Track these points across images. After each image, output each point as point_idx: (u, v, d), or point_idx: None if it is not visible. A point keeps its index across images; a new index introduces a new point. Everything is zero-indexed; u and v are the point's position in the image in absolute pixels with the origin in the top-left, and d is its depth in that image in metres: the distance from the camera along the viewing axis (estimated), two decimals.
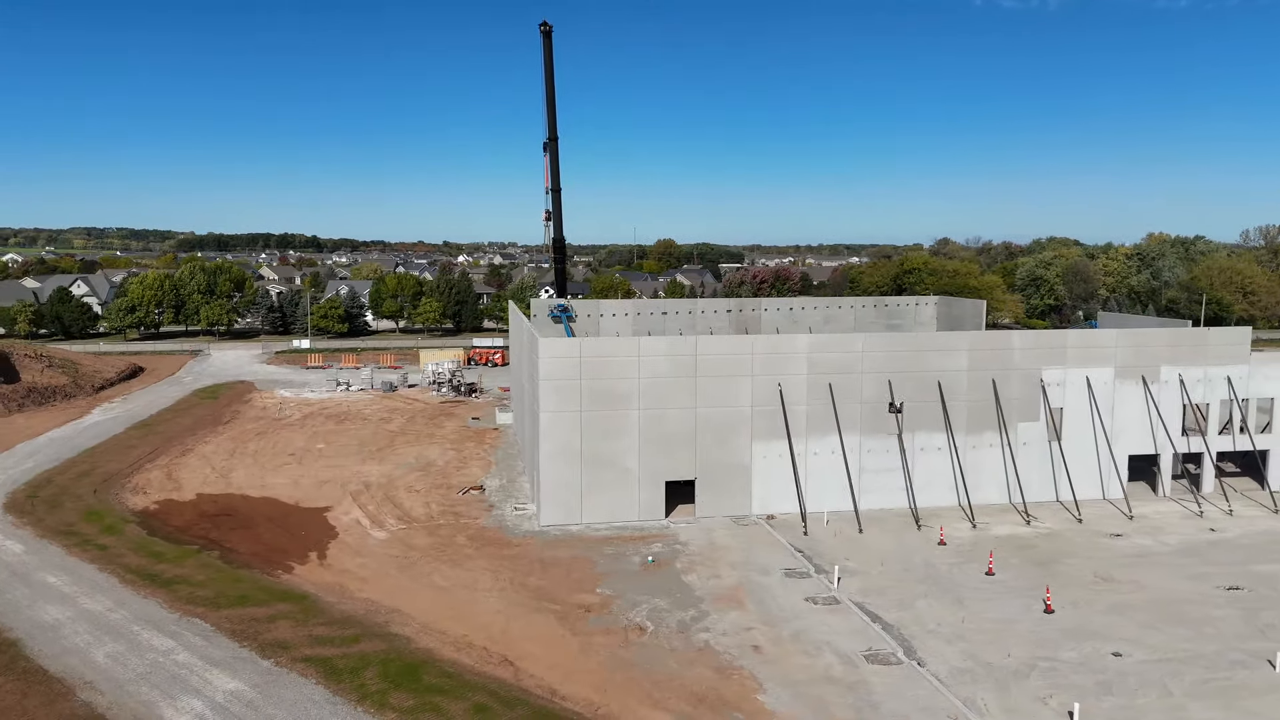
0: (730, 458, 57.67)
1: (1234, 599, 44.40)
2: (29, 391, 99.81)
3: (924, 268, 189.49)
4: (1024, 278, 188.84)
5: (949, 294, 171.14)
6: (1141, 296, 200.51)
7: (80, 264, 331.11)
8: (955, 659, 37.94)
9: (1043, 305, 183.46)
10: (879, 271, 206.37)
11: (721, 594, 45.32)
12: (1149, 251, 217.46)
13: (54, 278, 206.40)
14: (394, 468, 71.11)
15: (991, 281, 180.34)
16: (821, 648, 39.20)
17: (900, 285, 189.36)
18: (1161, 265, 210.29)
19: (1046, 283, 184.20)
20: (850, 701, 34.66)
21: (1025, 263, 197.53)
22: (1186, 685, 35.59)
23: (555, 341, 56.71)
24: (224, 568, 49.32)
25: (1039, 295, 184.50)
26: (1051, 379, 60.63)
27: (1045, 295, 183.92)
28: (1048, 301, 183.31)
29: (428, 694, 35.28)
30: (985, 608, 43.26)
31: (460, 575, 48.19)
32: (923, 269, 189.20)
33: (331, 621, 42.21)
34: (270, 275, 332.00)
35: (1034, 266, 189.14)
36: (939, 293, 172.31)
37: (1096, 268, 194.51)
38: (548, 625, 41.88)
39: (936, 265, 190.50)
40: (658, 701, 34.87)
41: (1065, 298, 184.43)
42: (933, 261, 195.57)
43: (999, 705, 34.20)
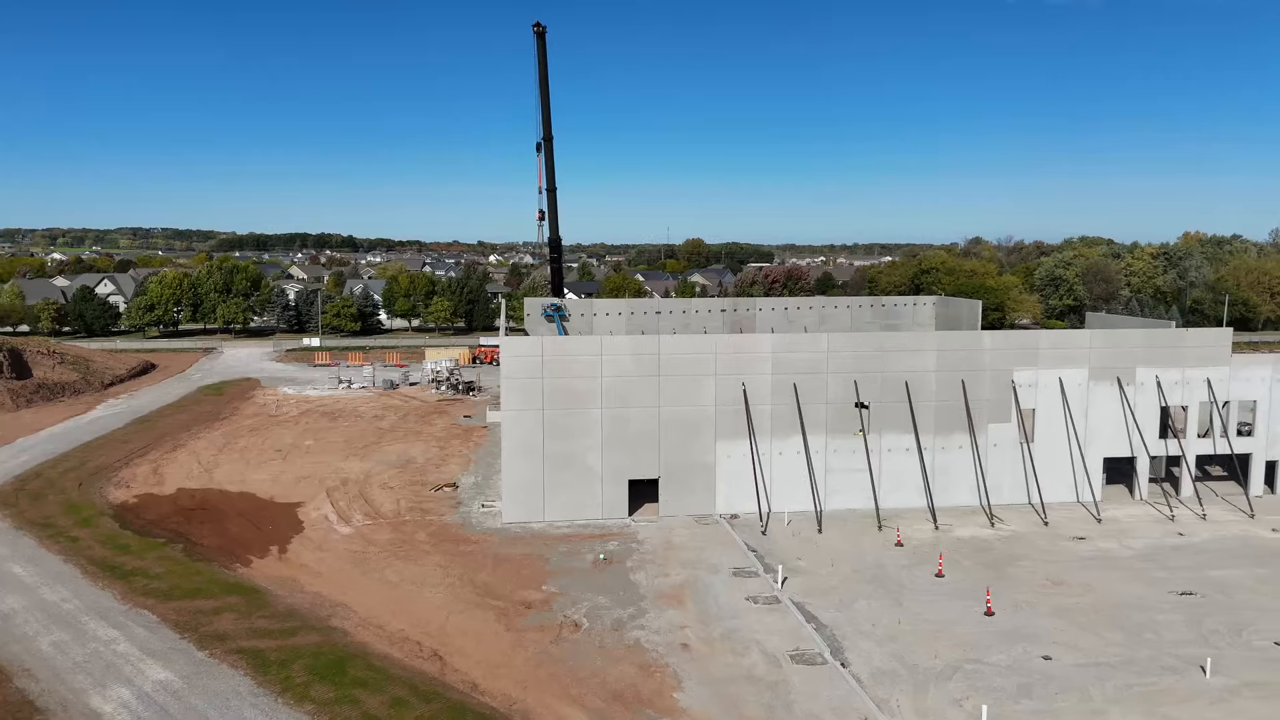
0: (694, 457, 57.73)
1: (1183, 604, 43.72)
2: (38, 387, 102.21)
3: (941, 268, 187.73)
4: (1043, 278, 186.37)
5: (965, 294, 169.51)
6: (1167, 297, 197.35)
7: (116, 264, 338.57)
8: (881, 660, 37.79)
9: (1061, 305, 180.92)
10: (897, 272, 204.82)
11: (664, 592, 45.44)
12: (1176, 251, 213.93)
13: (82, 276, 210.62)
14: (374, 464, 71.98)
15: (1009, 282, 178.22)
16: (750, 647, 39.22)
17: (918, 285, 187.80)
18: (1188, 265, 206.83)
19: (1066, 283, 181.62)
20: (765, 700, 34.67)
21: (1044, 263, 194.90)
22: (1110, 690, 35.17)
23: (517, 340, 57.13)
24: (184, 560, 50.31)
25: (1058, 295, 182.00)
26: (1023, 380, 59.98)
27: (1064, 295, 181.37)
28: (1066, 302, 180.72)
29: (349, 687, 35.80)
30: (926, 609, 42.99)
31: (412, 571, 48.76)
32: (940, 269, 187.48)
33: (274, 614, 42.93)
34: (299, 274, 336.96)
35: (1053, 266, 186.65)
36: (955, 293, 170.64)
37: (1119, 267, 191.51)
38: (486, 621, 42.29)
39: (954, 265, 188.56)
40: (575, 698, 35.12)
41: (1085, 298, 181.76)
42: (950, 261, 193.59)
43: (912, 707, 34.03)
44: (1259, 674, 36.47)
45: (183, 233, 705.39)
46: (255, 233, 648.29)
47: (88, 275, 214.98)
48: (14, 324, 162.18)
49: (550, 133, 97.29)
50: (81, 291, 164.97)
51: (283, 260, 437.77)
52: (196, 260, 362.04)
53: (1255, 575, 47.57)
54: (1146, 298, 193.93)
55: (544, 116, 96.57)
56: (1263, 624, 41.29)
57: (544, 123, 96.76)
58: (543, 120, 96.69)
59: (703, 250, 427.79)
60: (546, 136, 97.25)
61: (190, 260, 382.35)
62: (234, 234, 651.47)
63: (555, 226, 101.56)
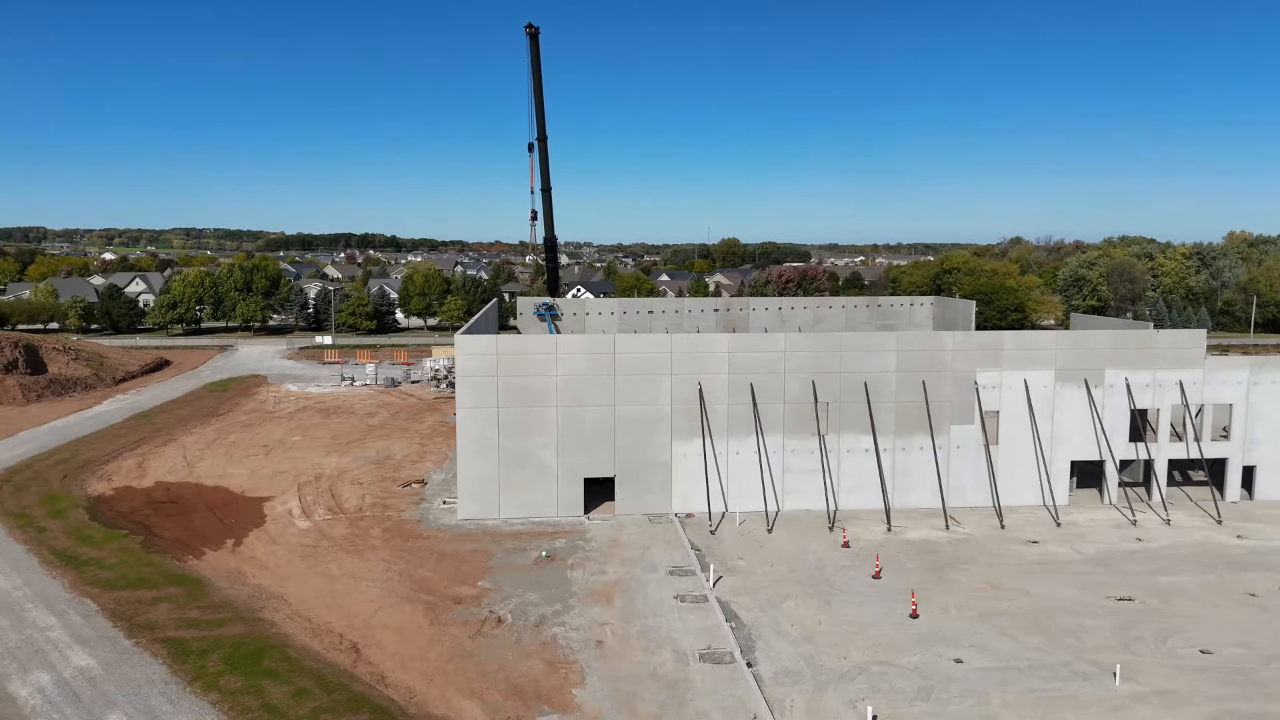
0: (650, 456, 57.86)
1: (1118, 610, 42.97)
2: (50, 382, 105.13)
3: (962, 268, 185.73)
4: (1066, 278, 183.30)
5: (984, 295, 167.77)
6: (1199, 298, 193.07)
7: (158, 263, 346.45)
8: (789, 660, 37.69)
9: (1085, 306, 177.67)
10: (919, 272, 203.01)
11: (596, 590, 45.68)
12: (1209, 251, 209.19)
13: (116, 275, 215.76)
14: (352, 460, 73.06)
15: (1030, 282, 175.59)
16: (663, 645, 39.33)
17: (939, 286, 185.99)
18: (1222, 265, 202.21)
19: (1089, 283, 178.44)
20: (661, 699, 34.79)
21: (1069, 263, 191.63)
22: (1010, 694, 34.75)
23: (472, 338, 57.67)
24: (139, 552, 51.58)
25: (1081, 296, 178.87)
26: (986, 381, 59.23)
27: (1088, 296, 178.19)
28: (1090, 303, 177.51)
29: (259, 677, 36.55)
30: (852, 611, 42.74)
31: (356, 565, 49.52)
32: (961, 269, 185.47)
33: (209, 606, 43.90)
34: (334, 274, 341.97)
35: (1076, 267, 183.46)
36: (975, 293, 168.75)
37: (1145, 268, 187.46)
38: (412, 615, 42.84)
39: (975, 265, 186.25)
40: (475, 692, 35.52)
41: (1110, 298, 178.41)
42: (972, 261, 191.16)
43: (805, 707, 33.94)
44: (1171, 682, 35.78)
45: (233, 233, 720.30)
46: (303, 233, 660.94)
47: (121, 274, 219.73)
48: (44, 321, 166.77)
49: (544, 133, 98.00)
50: (109, 290, 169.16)
51: (320, 260, 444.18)
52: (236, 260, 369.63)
53: (1203, 582, 46.58)
54: (1177, 299, 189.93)
55: (538, 117, 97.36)
56: (1193, 631, 40.46)
57: (538, 123, 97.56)
58: (536, 121, 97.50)
59: (737, 250, 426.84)
60: (540, 137, 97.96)
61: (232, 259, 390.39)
62: (282, 234, 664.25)
63: (550, 226, 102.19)
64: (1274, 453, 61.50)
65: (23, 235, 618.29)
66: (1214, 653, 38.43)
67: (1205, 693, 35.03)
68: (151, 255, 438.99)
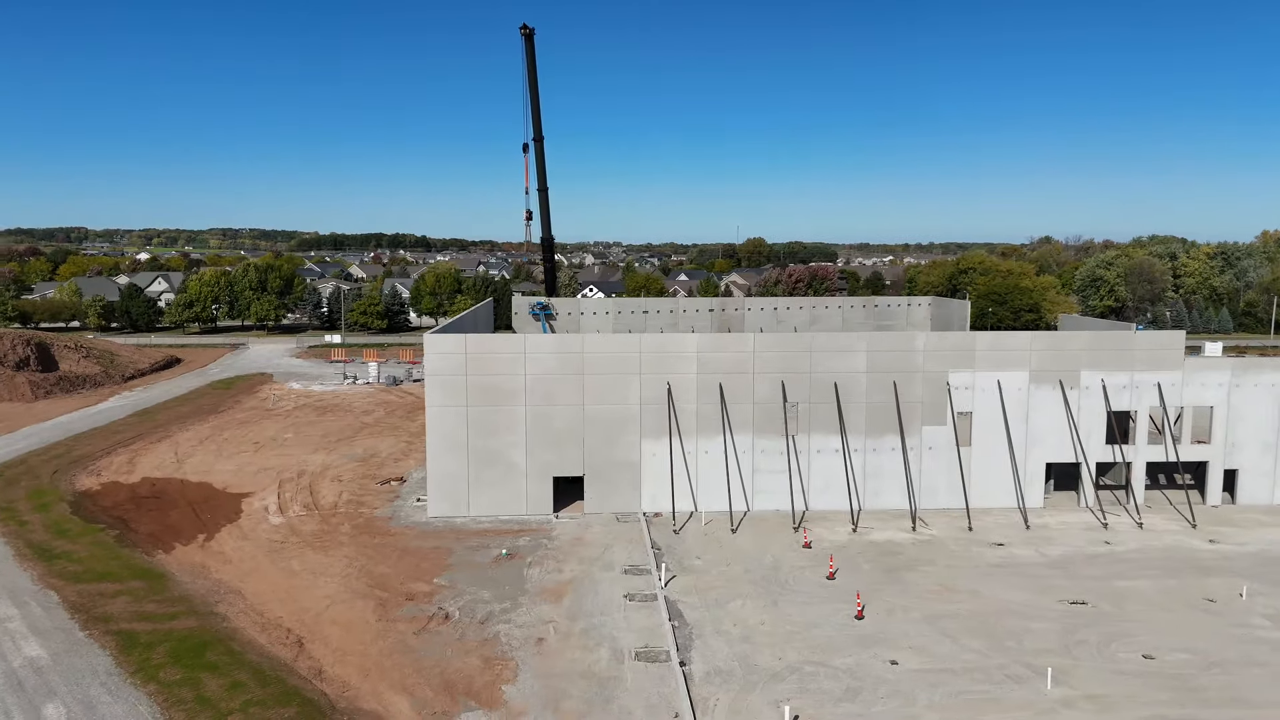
0: (619, 455, 58.07)
1: (1068, 613, 42.58)
2: (59, 379, 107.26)
3: (977, 267, 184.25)
4: (1083, 278, 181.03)
5: (997, 295, 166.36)
6: (1223, 298, 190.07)
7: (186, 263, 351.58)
8: (724, 660, 37.75)
9: (1102, 307, 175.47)
10: (936, 271, 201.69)
11: (549, 588, 45.98)
12: (1234, 251, 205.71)
13: (140, 275, 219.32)
14: (338, 458, 73.93)
15: (1045, 282, 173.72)
16: (603, 643, 39.54)
17: (955, 285, 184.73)
18: (1246, 265, 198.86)
19: (1106, 283, 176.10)
20: (588, 696, 35.01)
21: (1086, 263, 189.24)
22: (938, 696, 34.60)
23: (441, 337, 58.13)
24: (112, 546, 52.60)
25: (1098, 296, 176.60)
26: (959, 382, 58.81)
27: (1105, 296, 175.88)
28: (1107, 303, 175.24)
29: (199, 670, 37.21)
30: (797, 611, 42.70)
31: (318, 561, 50.18)
32: (976, 269, 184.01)
33: (167, 599, 44.73)
34: (359, 273, 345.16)
35: (1094, 267, 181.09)
36: (989, 294, 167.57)
37: (1165, 268, 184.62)
38: (363, 611, 43.37)
39: (991, 265, 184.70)
40: (408, 687, 35.94)
41: (1127, 299, 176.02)
42: (988, 261, 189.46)
43: (729, 706, 34.01)
44: (1105, 687, 35.44)
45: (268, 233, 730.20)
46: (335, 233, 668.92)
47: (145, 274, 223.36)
48: (66, 320, 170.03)
49: (540, 133, 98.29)
50: (128, 289, 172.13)
51: (346, 259, 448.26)
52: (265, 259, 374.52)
53: (1163, 587, 46.00)
54: (1200, 299, 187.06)
55: (534, 117, 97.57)
56: (1141, 636, 40.01)
57: (534, 123, 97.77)
58: (533, 121, 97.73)
59: (762, 250, 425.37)
60: (537, 137, 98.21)
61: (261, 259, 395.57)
62: (316, 234, 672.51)
63: (547, 227, 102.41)
64: (1257, 456, 60.55)
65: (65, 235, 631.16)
66: (1156, 658, 38.00)
67: (1138, 698, 34.66)
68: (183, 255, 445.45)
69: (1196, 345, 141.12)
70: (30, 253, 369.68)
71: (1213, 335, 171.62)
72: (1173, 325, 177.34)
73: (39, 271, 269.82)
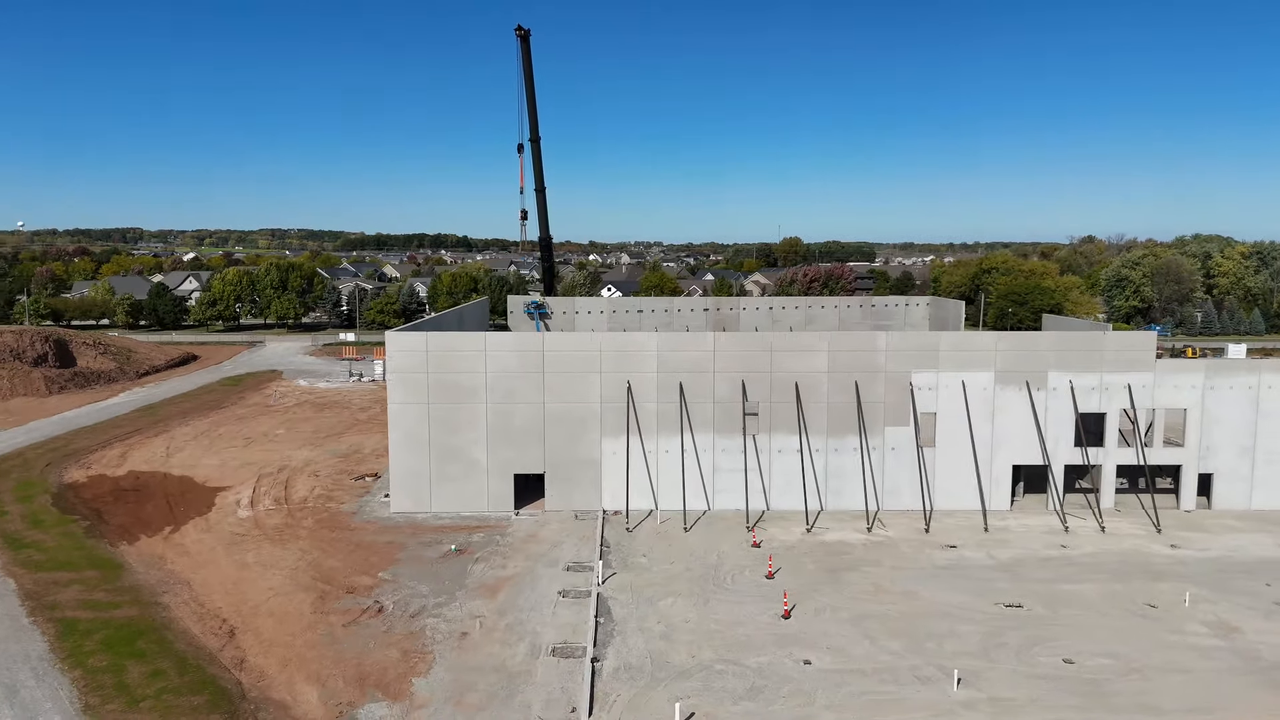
0: (580, 453, 58.41)
1: (999, 616, 42.11)
2: (74, 375, 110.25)
3: (1000, 267, 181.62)
4: (1109, 279, 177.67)
5: (1017, 295, 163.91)
6: (1258, 299, 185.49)
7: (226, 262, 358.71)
8: (637, 657, 37.95)
9: (1127, 308, 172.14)
10: (959, 271, 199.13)
11: (488, 583, 46.48)
12: (1270, 250, 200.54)
13: (173, 274, 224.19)
14: (322, 453, 75.21)
15: (1069, 282, 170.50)
16: (524, 638, 39.94)
17: (978, 285, 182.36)
18: None
19: (1131, 283, 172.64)
20: (493, 689, 35.43)
21: (1112, 263, 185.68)
22: (839, 696, 34.49)
23: (402, 334, 58.93)
24: (80, 536, 54.15)
25: (1123, 297, 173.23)
26: (922, 382, 58.29)
27: (1130, 297, 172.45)
28: (1133, 304, 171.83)
29: (126, 657, 38.30)
30: (726, 610, 42.73)
31: (273, 554, 51.20)
32: (999, 268, 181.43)
33: (116, 589, 45.99)
34: (393, 273, 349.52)
35: (1119, 267, 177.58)
36: (1009, 294, 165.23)
37: (1194, 267, 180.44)
38: (301, 603, 44.21)
39: (1013, 265, 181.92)
40: (321, 679, 36.62)
41: (1154, 299, 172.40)
42: (1010, 261, 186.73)
43: (628, 703, 34.21)
44: (1013, 691, 35.06)
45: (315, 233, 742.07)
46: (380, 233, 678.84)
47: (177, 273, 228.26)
48: (96, 317, 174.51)
49: (537, 134, 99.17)
50: (156, 288, 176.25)
51: (383, 259, 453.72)
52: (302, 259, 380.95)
53: (1108, 591, 45.27)
54: (1234, 300, 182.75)
55: (530, 117, 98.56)
56: (1066, 641, 39.47)
57: (530, 123, 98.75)
58: (529, 121, 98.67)
59: (799, 249, 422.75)
60: (533, 138, 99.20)
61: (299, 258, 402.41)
62: (361, 234, 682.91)
63: (545, 226, 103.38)
64: (1233, 460, 59.24)
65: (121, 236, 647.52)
66: (1076, 663, 37.47)
67: (1043, 702, 34.25)
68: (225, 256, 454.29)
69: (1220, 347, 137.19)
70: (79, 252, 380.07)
71: (1242, 337, 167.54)
72: (1201, 326, 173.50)
73: (82, 271, 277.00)
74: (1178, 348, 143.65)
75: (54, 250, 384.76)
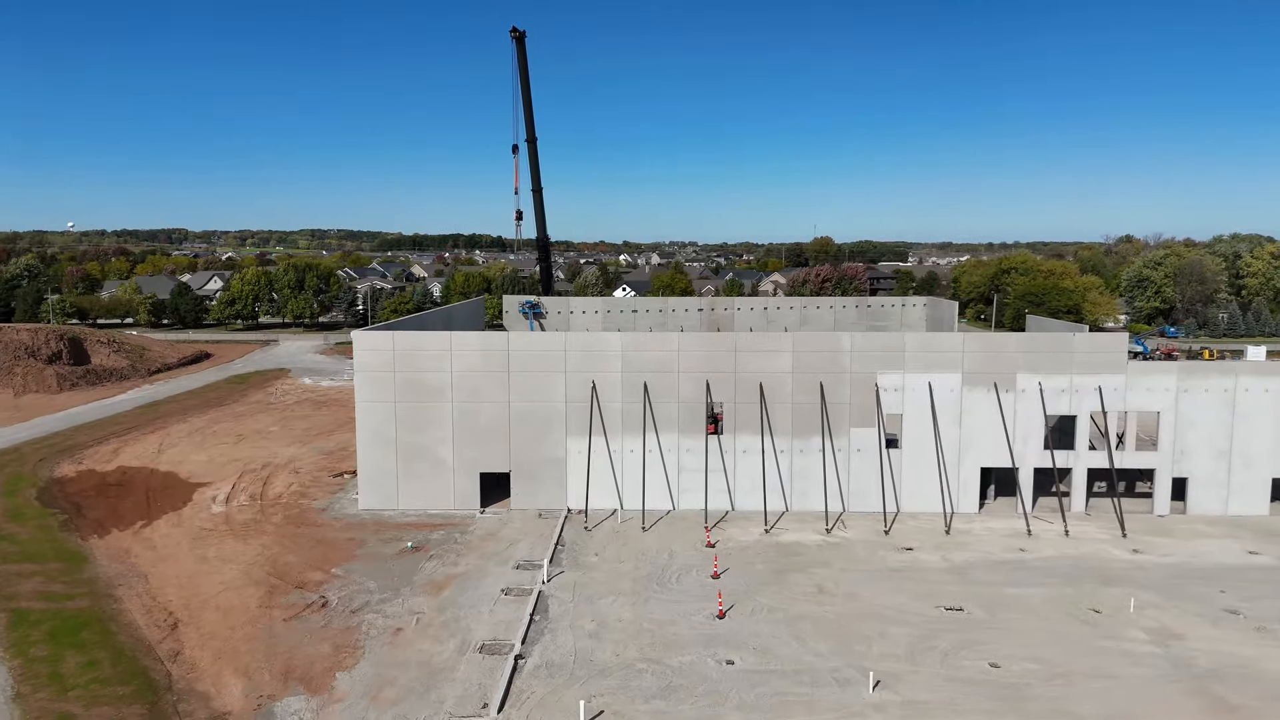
0: (545, 452, 58.77)
1: (936, 619, 41.79)
2: (87, 372, 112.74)
3: (1019, 267, 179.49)
4: (1130, 279, 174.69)
5: (1034, 296, 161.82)
6: None
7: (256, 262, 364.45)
8: (562, 655, 38.19)
9: (1149, 308, 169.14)
10: (979, 271, 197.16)
11: (436, 580, 46.98)
12: None
13: (198, 274, 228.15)
14: (308, 450, 76.30)
15: (1089, 283, 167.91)
16: (456, 634, 40.36)
17: (997, 285, 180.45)
18: None
19: (1153, 284, 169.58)
20: (412, 685, 35.86)
21: (1134, 263, 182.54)
22: (751, 696, 34.49)
23: (369, 333, 59.65)
24: (54, 529, 55.54)
25: (1145, 297, 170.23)
26: (888, 384, 57.90)
27: (1152, 297, 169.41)
28: (1154, 304, 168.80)
29: (66, 648, 39.30)
30: (663, 609, 42.83)
31: (234, 549, 52.14)
32: (1018, 268, 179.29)
33: (75, 581, 47.15)
34: (420, 273, 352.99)
35: (1141, 267, 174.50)
36: (1026, 294, 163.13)
37: (1219, 267, 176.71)
38: (249, 597, 45.00)
39: (1032, 264, 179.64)
40: (249, 672, 37.29)
41: (1176, 299, 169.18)
42: (1030, 260, 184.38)
43: (540, 700, 34.49)
44: (930, 694, 34.82)
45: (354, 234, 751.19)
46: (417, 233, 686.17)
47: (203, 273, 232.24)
48: (121, 316, 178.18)
49: (533, 135, 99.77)
50: (178, 288, 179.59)
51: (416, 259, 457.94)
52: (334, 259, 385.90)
53: (1055, 595, 44.73)
54: (1264, 300, 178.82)
55: (526, 118, 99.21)
56: (998, 645, 39.09)
57: (527, 124, 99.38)
58: (525, 122, 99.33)
59: (829, 249, 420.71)
60: (529, 138, 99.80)
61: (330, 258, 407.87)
62: (399, 234, 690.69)
63: (542, 227, 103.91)
64: (1209, 464, 58.16)
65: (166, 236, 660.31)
66: (1001, 667, 37.12)
67: (957, 705, 34.00)
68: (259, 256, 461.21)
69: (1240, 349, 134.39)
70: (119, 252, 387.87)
71: (1267, 339, 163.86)
72: (1226, 328, 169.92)
73: (118, 271, 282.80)
74: (1195, 349, 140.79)
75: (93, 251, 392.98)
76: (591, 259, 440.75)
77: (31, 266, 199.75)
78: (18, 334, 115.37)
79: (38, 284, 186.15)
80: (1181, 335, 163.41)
